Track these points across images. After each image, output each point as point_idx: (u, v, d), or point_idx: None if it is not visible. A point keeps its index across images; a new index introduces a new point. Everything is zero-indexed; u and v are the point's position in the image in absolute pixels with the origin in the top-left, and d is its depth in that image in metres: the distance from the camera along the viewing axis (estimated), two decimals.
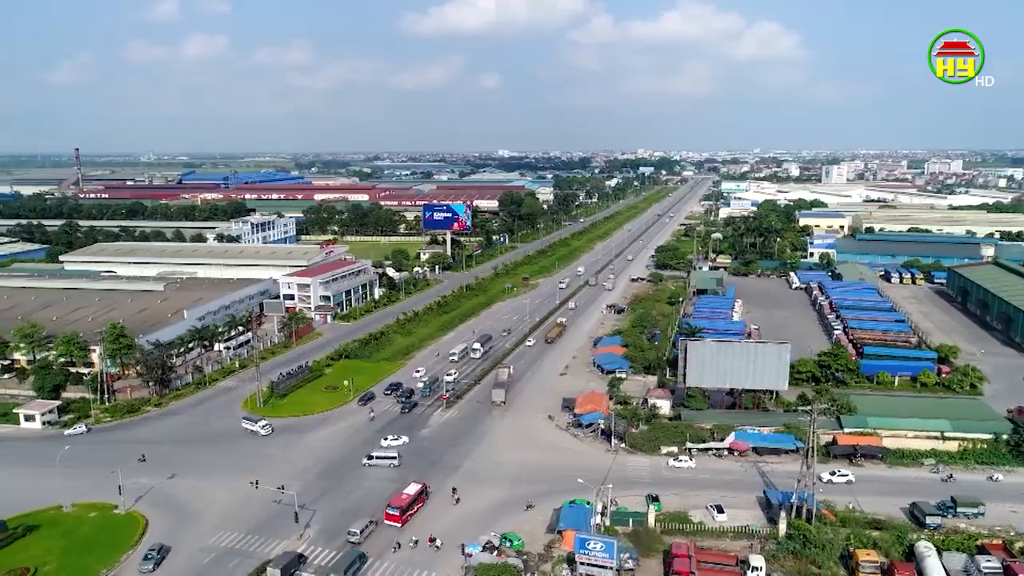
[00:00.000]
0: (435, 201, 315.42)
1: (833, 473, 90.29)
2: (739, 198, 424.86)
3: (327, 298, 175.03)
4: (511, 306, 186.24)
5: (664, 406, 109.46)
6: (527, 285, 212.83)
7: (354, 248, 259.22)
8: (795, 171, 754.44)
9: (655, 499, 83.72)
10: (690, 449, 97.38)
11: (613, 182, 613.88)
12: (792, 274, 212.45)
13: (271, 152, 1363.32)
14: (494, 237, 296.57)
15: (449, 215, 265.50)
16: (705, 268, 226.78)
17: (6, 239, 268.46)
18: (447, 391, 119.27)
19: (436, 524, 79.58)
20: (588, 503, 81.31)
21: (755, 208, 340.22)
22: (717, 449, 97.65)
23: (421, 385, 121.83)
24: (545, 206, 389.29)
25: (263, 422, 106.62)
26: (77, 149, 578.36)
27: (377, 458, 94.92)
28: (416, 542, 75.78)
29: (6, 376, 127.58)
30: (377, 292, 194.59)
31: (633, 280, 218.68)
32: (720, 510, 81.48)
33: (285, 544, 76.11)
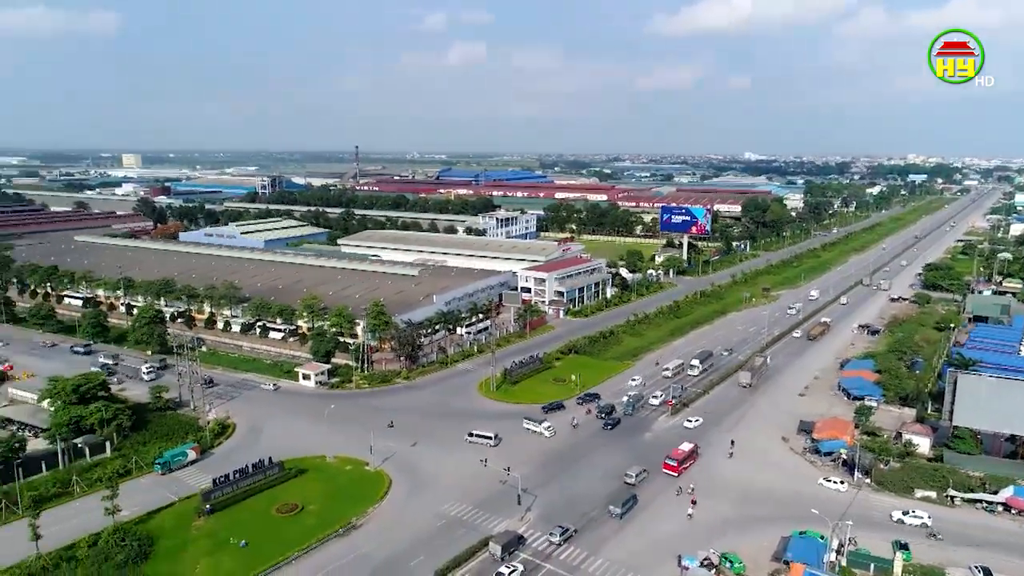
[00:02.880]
0: (674, 204, 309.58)
1: (906, 512, 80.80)
2: None
3: (561, 293, 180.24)
4: (748, 317, 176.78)
5: (922, 444, 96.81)
6: (767, 296, 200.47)
7: (590, 247, 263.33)
8: None
9: (904, 547, 74.31)
10: (952, 497, 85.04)
11: (875, 190, 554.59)
12: None
13: (519, 152, 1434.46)
14: (734, 243, 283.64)
15: (688, 218, 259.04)
16: (987, 292, 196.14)
17: (298, 223, 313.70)
18: (671, 397, 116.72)
19: (669, 522, 78.47)
20: (822, 537, 74.64)
21: None
22: (988, 503, 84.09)
23: (625, 400, 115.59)
24: (793, 213, 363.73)
25: (546, 423, 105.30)
26: (357, 147, 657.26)
27: (476, 435, 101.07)
28: (680, 490, 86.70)
29: (292, 339, 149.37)
30: (609, 291, 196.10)
31: (893, 300, 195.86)
32: (988, 574, 70.09)
33: (507, 524, 79.94)
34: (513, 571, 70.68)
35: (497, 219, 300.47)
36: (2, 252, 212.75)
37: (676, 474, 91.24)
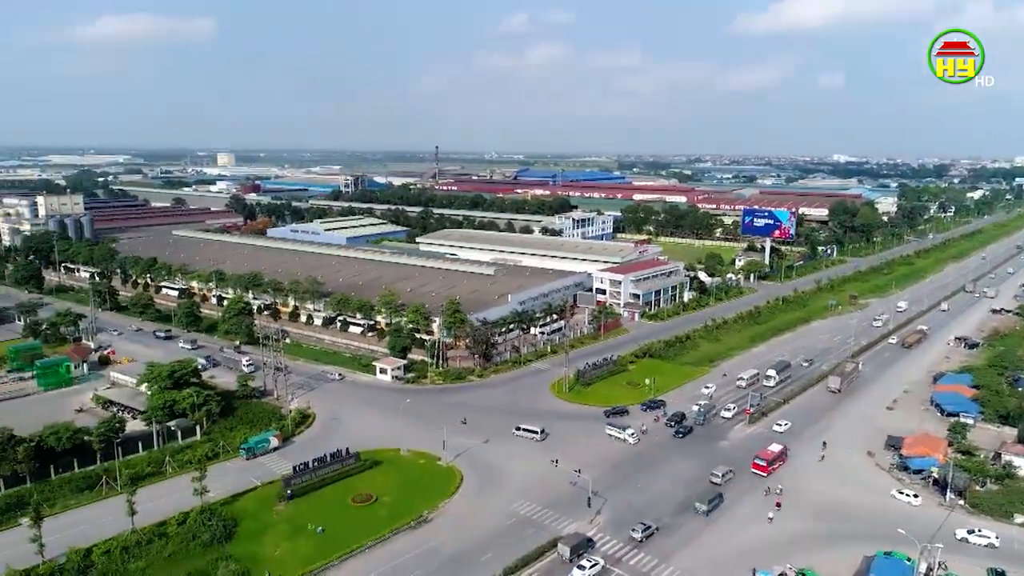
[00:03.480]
0: (756, 206, 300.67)
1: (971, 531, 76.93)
2: None
3: (636, 296, 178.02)
4: (833, 325, 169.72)
5: None
6: (855, 304, 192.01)
7: (667, 249, 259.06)
8: None
9: (1000, 575, 69.77)
10: None
11: (976, 194, 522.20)
12: None
13: (597, 153, 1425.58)
14: (820, 248, 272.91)
15: (771, 222, 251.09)
16: None
17: (379, 221, 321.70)
18: (750, 405, 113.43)
19: (749, 526, 76.54)
20: (908, 559, 70.89)
21: None
22: None
23: (696, 409, 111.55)
24: (885, 218, 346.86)
25: (630, 430, 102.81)
26: (436, 147, 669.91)
27: (524, 429, 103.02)
28: (768, 490, 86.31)
29: (370, 334, 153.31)
30: (686, 295, 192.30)
31: (994, 311, 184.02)
32: None
33: (576, 526, 79.60)
34: (594, 565, 70.94)
35: (573, 220, 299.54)
36: (108, 244, 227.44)
37: (765, 474, 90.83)
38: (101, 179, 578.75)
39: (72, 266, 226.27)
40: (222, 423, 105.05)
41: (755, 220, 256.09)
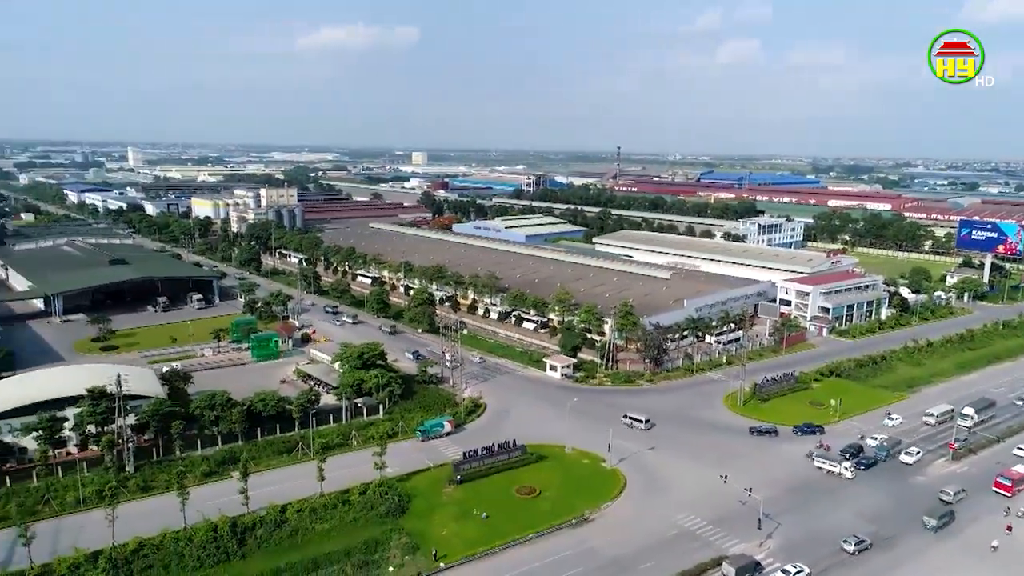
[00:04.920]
0: (976, 217, 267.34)
1: None
2: None
3: (826, 309, 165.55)
4: None
5: None
6: None
7: (864, 261, 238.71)
8: None
9: None
10: None
11: None
12: None
13: (789, 155, 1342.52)
14: None
15: (993, 235, 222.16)
16: None
17: (557, 221, 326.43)
18: (956, 440, 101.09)
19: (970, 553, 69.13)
20: None
21: None
22: None
23: (877, 441, 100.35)
24: None
25: (846, 463, 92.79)
26: (619, 148, 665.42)
27: (630, 417, 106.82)
28: (1008, 511, 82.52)
29: (543, 331, 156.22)
30: (884, 312, 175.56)
31: None
32: None
33: (743, 547, 75.74)
34: (799, 571, 69.29)
35: (759, 225, 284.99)
36: (315, 234, 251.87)
37: (1009, 494, 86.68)
38: (312, 174, 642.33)
39: (284, 252, 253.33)
40: (402, 405, 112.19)
41: (974, 233, 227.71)
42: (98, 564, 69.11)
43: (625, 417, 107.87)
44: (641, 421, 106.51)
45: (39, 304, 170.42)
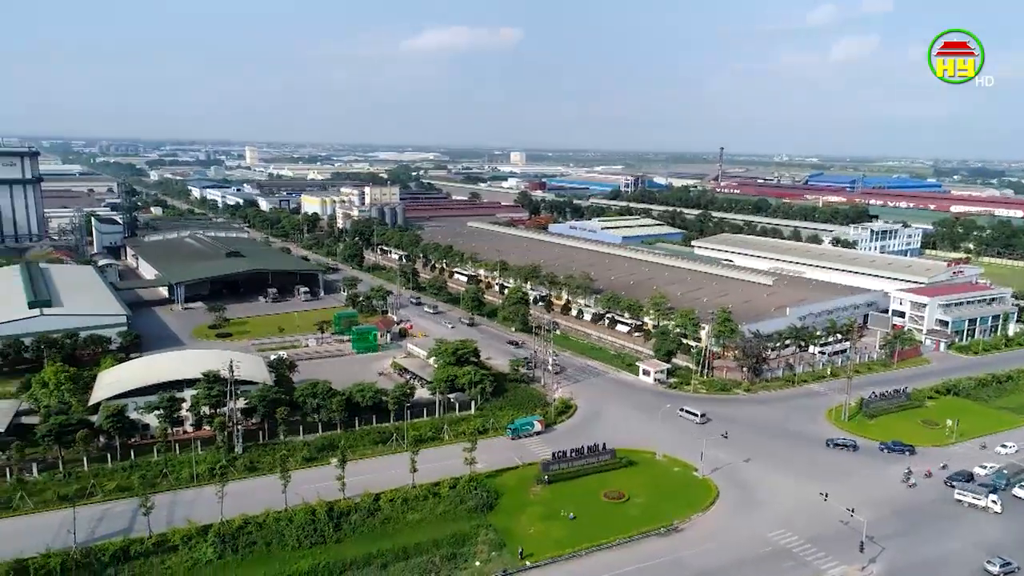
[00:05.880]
0: None
1: None
2: None
3: (944, 323, 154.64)
4: None
5: None
6: None
7: (991, 272, 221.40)
8: None
9: None
10: None
11: None
12: None
13: (907, 157, 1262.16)
14: None
15: None
16: None
17: (655, 222, 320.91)
18: None
19: None
20: None
21: None
22: None
23: (987, 470, 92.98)
24: None
25: (994, 497, 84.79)
26: (721, 148, 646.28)
27: (686, 411, 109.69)
28: None
29: (636, 334, 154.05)
30: (1012, 328, 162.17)
31: None
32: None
33: (844, 570, 72.04)
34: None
35: (872, 231, 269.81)
36: (415, 232, 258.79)
37: None
38: (414, 173, 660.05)
39: (386, 248, 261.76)
40: (493, 402, 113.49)
41: None
42: (207, 537, 73.99)
43: (682, 410, 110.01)
44: (696, 415, 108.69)
45: (164, 292, 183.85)
